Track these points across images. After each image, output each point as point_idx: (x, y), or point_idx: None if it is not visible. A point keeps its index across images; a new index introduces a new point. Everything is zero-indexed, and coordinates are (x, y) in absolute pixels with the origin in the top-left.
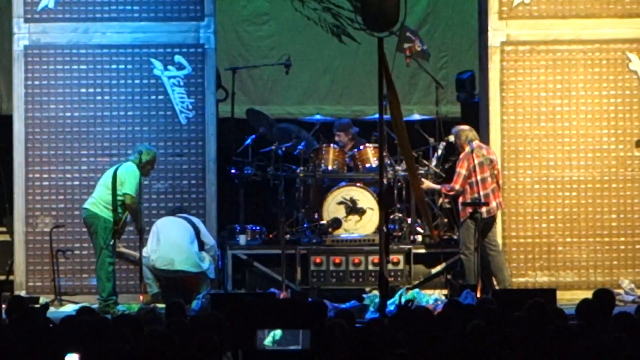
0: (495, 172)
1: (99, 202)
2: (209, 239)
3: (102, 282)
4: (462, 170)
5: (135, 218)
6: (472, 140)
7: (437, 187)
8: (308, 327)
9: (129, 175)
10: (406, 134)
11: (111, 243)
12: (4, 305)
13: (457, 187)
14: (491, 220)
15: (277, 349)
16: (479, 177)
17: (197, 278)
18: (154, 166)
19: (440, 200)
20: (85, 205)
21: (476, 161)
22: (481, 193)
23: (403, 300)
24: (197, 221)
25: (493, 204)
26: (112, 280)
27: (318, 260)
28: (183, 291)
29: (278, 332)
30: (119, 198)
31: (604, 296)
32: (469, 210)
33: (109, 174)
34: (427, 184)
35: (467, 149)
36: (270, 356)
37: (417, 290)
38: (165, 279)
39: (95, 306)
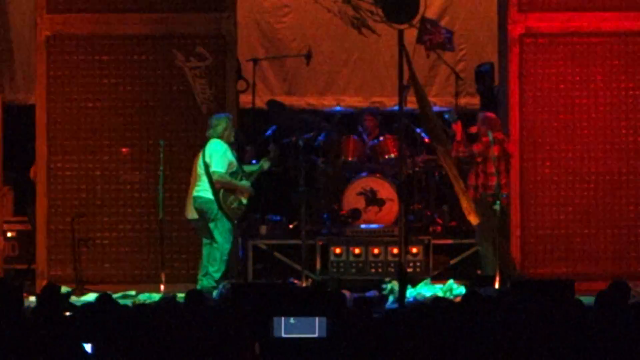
0: (509, 167)
1: (207, 187)
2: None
3: (217, 263)
4: (475, 150)
5: (233, 190)
6: (492, 131)
7: (457, 139)
8: (326, 315)
9: (213, 152)
10: (436, 119)
11: (228, 227)
12: (24, 294)
13: (460, 154)
14: (508, 210)
15: (293, 337)
16: (499, 169)
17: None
18: (232, 128)
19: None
20: (196, 194)
21: (495, 154)
22: (501, 184)
23: (425, 293)
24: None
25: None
26: (226, 264)
27: (338, 251)
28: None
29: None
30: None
31: (619, 288)
32: (489, 200)
33: (200, 158)
34: (461, 144)
35: (489, 138)
36: (287, 345)
37: (452, 281)
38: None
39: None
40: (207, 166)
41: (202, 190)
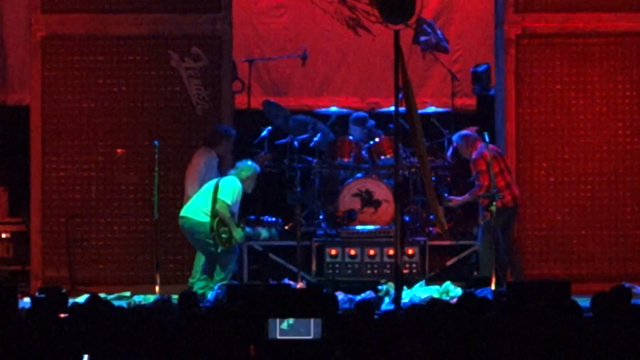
0: (507, 164)
1: (198, 209)
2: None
3: (225, 273)
4: (481, 167)
5: (226, 225)
6: (469, 147)
7: (467, 196)
8: (319, 317)
9: (229, 185)
10: (420, 127)
11: (218, 250)
12: (19, 296)
13: (487, 183)
14: (516, 209)
15: (288, 339)
16: (497, 170)
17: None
18: (256, 182)
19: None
20: (184, 214)
21: (489, 155)
22: (502, 184)
23: (420, 295)
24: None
25: (517, 191)
26: (232, 273)
27: (333, 252)
28: None
29: (290, 320)
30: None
31: (621, 291)
32: (486, 203)
33: (211, 183)
34: (456, 200)
35: (480, 145)
36: (282, 346)
37: (449, 282)
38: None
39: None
40: (217, 190)
41: (197, 212)
